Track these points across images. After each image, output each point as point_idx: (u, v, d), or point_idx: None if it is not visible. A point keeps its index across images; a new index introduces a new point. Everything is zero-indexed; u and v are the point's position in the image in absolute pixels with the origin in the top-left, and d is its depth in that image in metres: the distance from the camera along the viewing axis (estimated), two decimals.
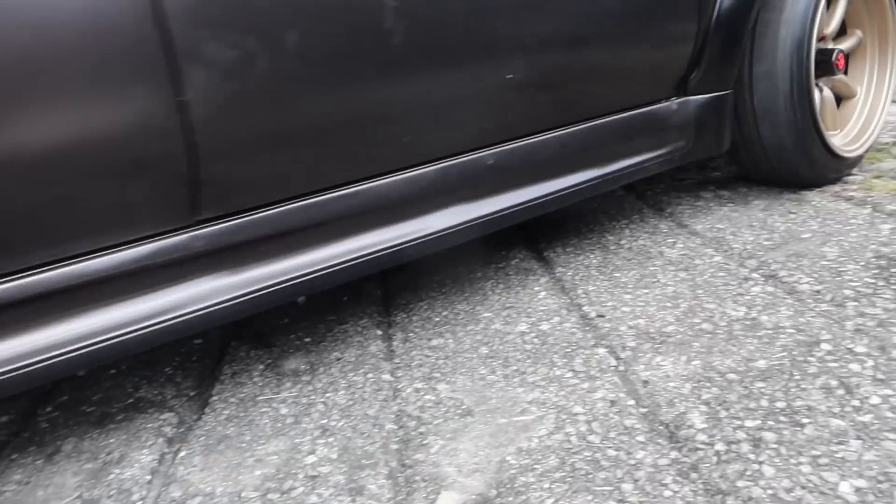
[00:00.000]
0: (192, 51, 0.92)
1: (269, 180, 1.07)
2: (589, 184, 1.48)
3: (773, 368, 1.07)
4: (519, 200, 1.39)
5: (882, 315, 1.17)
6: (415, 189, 1.23)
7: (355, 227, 1.18)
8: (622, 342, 1.23)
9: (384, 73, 1.12)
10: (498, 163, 1.34)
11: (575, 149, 1.45)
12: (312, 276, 1.14)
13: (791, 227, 1.59)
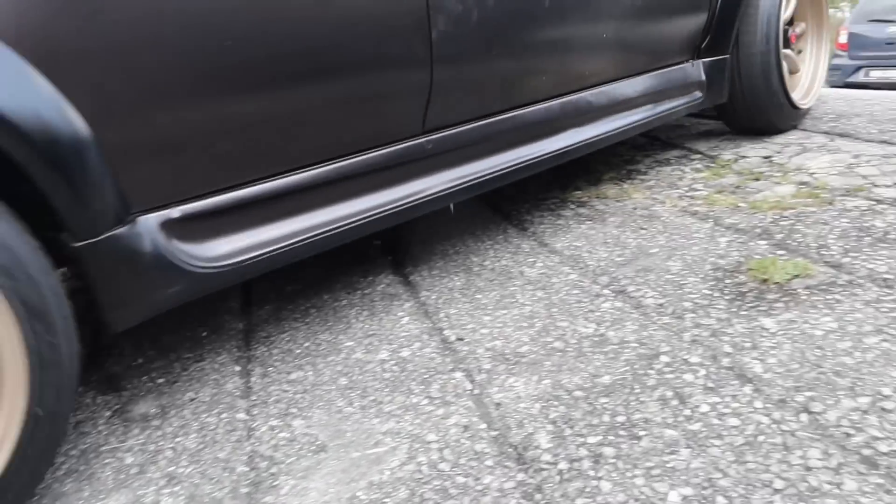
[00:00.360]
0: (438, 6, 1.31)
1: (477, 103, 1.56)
2: (649, 118, 2.01)
3: (616, 383, 1.12)
4: (610, 128, 1.88)
5: (715, 325, 1.25)
6: (550, 115, 1.73)
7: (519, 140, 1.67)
8: (479, 365, 1.24)
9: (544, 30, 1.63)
10: (595, 100, 1.84)
11: (637, 93, 1.97)
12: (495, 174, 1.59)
13: (641, 243, 1.68)
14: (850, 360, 1.08)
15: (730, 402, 1.03)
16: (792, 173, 2.05)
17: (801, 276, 1.38)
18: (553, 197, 2.13)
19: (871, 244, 1.48)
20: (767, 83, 2.22)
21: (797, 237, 1.58)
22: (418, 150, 1.42)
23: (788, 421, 0.97)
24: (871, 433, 0.92)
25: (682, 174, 2.19)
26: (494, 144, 1.60)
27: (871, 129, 2.31)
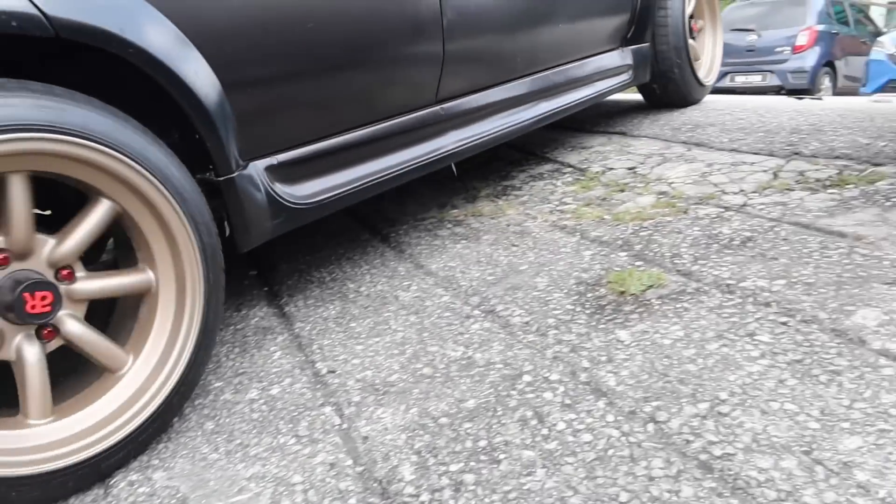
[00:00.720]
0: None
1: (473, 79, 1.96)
2: (593, 95, 2.47)
3: (480, 407, 1.14)
4: (570, 100, 2.34)
5: (575, 340, 1.30)
6: (525, 89, 2.15)
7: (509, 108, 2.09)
8: (348, 398, 1.24)
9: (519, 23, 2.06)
10: (556, 78, 2.30)
11: (585, 73, 2.45)
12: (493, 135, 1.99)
13: (512, 260, 1.73)
14: (694, 367, 1.15)
15: (585, 418, 1.07)
16: (653, 183, 2.16)
17: (654, 287, 1.46)
18: (431, 217, 2.16)
19: (717, 251, 1.59)
20: (680, 65, 2.79)
21: (654, 247, 1.67)
22: (435, 115, 1.82)
23: (636, 432, 1.02)
24: (707, 438, 0.98)
25: (554, 188, 2.27)
26: (487, 112, 2.01)
27: (722, 138, 2.48)
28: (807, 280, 1.37)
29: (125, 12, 1.06)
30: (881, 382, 1.03)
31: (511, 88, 2.09)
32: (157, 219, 1.12)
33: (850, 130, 2.28)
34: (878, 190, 1.79)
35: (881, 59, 8.30)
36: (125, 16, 1.06)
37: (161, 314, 1.17)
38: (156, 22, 1.10)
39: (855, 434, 0.94)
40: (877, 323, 1.18)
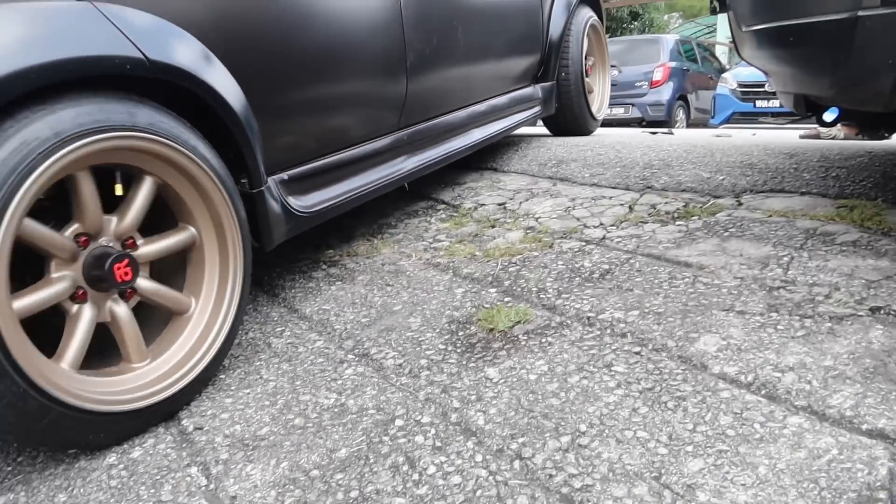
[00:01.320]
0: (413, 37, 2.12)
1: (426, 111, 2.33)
2: (512, 124, 2.90)
3: (352, 456, 1.14)
4: (496, 128, 2.75)
5: (446, 380, 1.33)
6: (462, 119, 2.55)
7: (452, 135, 2.48)
8: (216, 455, 1.20)
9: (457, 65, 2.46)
10: (484, 109, 2.72)
11: (501, 106, 2.83)
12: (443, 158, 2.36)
13: (386, 301, 1.74)
14: (557, 401, 1.21)
15: (455, 460, 1.10)
16: (521, 219, 2.26)
17: (521, 322, 1.52)
18: (305, 258, 2.14)
19: (579, 284, 1.68)
20: (578, 100, 3.35)
21: (521, 282, 1.74)
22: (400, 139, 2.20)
23: (503, 471, 1.06)
24: (569, 471, 1.03)
25: (428, 225, 2.31)
26: (435, 138, 2.38)
27: (584, 173, 2.63)
28: (657, 310, 1.48)
29: (195, 56, 1.38)
30: (720, 405, 1.13)
31: (451, 120, 2.49)
32: (196, 188, 1.39)
33: (694, 165, 2.50)
34: (718, 221, 1.97)
35: (726, 94, 9.12)
36: (196, 59, 1.37)
37: (209, 263, 1.46)
38: (213, 63, 1.42)
39: (697, 456, 1.02)
40: (716, 348, 1.29)
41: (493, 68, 2.73)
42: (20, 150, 1.07)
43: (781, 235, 1.78)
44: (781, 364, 1.20)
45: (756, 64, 1.95)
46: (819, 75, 1.56)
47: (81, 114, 1.15)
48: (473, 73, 2.57)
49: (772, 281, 1.53)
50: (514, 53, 2.87)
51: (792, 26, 1.50)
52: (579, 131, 3.47)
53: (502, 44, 2.76)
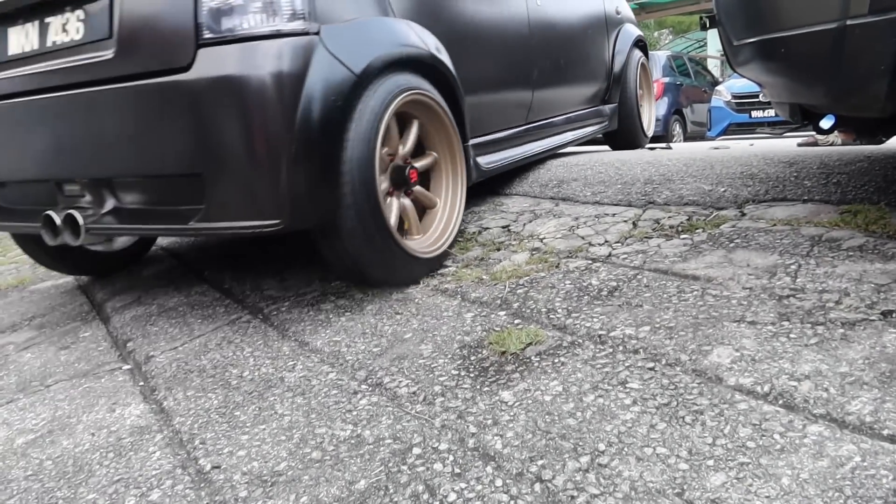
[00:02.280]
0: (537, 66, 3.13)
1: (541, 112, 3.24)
2: (593, 131, 3.80)
3: (371, 487, 1.13)
4: (582, 133, 3.66)
5: (461, 406, 1.33)
6: (561, 122, 3.48)
7: (554, 132, 3.40)
8: (235, 493, 1.19)
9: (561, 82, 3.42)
10: (575, 116, 3.62)
11: (582, 117, 3.69)
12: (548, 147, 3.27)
13: (397, 329, 1.74)
14: (573, 421, 1.21)
15: (475, 486, 1.09)
16: (526, 240, 2.27)
17: (533, 343, 1.52)
18: (313, 290, 2.14)
19: (588, 303, 1.68)
20: (633, 120, 4.20)
21: (530, 304, 1.74)
22: (527, 130, 3.12)
23: (524, 494, 1.05)
24: (590, 491, 1.03)
25: None
26: (545, 133, 3.30)
27: (586, 191, 2.65)
28: (668, 324, 1.48)
29: (438, 46, 2.22)
30: (738, 417, 1.13)
31: (554, 121, 3.39)
32: (441, 127, 2.23)
33: (695, 178, 2.51)
34: (723, 233, 1.97)
35: (720, 106, 9.19)
36: (438, 47, 2.22)
37: (444, 177, 2.31)
38: (442, 51, 2.23)
39: (719, 470, 1.02)
40: (730, 360, 1.29)
41: (579, 88, 3.64)
42: (383, 96, 1.91)
43: (787, 244, 1.78)
44: (797, 373, 1.20)
45: (749, 76, 1.98)
46: (812, 85, 1.58)
47: (400, 80, 1.99)
48: (567, 90, 3.50)
49: (781, 290, 1.53)
50: (590, 79, 3.76)
51: (782, 38, 1.52)
52: (634, 145, 4.26)
53: (584, 72, 3.67)
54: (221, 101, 1.63)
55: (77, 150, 1.93)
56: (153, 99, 1.72)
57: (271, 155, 1.65)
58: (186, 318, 2.14)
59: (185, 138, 1.70)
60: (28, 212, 2.19)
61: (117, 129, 1.81)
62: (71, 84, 1.87)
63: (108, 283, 2.79)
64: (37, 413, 1.68)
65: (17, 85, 2.03)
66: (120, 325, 2.22)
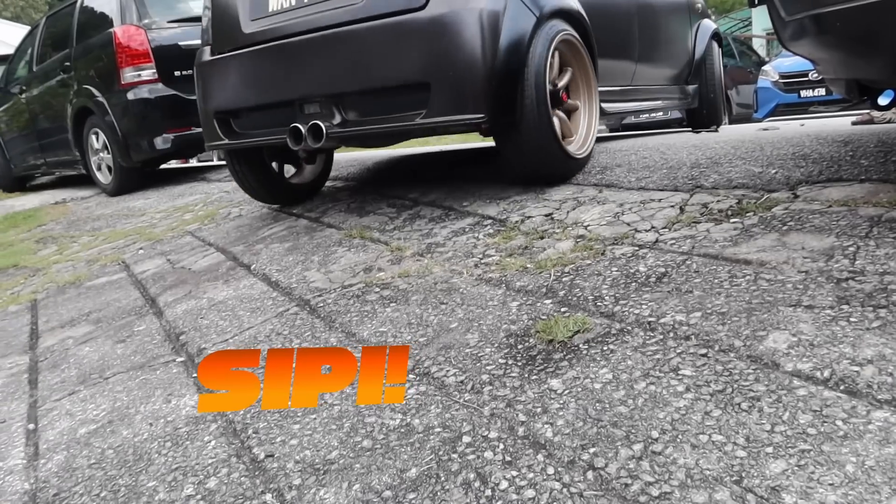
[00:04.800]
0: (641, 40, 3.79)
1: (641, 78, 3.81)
2: (671, 104, 4.47)
3: (422, 475, 1.14)
4: (663, 103, 4.29)
5: (510, 395, 1.32)
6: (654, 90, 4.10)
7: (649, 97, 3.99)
8: (289, 481, 1.21)
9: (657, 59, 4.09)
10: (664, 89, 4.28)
11: (669, 91, 4.30)
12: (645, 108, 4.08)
13: (442, 319, 1.74)
14: (625, 409, 1.19)
15: (526, 474, 1.08)
16: (570, 228, 2.24)
17: (581, 331, 1.50)
18: (358, 282, 2.16)
19: (636, 289, 1.65)
20: (718, 99, 4.73)
21: (576, 291, 1.72)
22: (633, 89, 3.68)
23: (577, 482, 1.04)
24: (645, 479, 1.01)
25: (477, 241, 2.32)
26: (642, 95, 3.84)
27: (630, 177, 2.60)
28: (720, 310, 1.45)
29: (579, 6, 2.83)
30: (797, 403, 1.09)
31: (649, 87, 3.95)
32: (579, 55, 2.83)
33: (743, 161, 2.44)
34: (775, 215, 1.91)
35: (767, 86, 8.92)
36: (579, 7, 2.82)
37: (582, 106, 2.91)
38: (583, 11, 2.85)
39: (779, 458, 0.99)
40: (787, 345, 1.25)
41: (667, 66, 4.22)
42: (551, 32, 2.59)
43: (844, 225, 1.72)
44: (859, 357, 1.16)
45: (801, 52, 1.91)
46: (872, 59, 1.52)
47: (560, 25, 2.66)
48: (659, 66, 4.09)
49: (839, 272, 1.48)
50: (678, 60, 4.34)
51: (839, 10, 1.46)
52: (715, 122, 4.76)
53: (672, 53, 4.25)
54: (448, 30, 2.38)
55: (327, 75, 2.65)
56: (396, 31, 2.46)
57: (482, 69, 2.38)
58: (236, 311, 2.18)
59: (419, 58, 2.43)
60: (262, 133, 2.97)
61: (366, 55, 2.53)
62: (325, 27, 2.62)
63: (159, 279, 2.87)
64: (97, 404, 1.74)
65: (276, 32, 2.78)
66: (172, 319, 2.27)
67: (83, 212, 5.65)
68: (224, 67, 3.03)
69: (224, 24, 3.00)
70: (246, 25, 2.89)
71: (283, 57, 2.76)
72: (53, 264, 3.86)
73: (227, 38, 2.99)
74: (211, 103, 3.12)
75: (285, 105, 2.82)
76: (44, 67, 6.69)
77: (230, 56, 2.98)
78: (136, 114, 5.43)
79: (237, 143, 3.07)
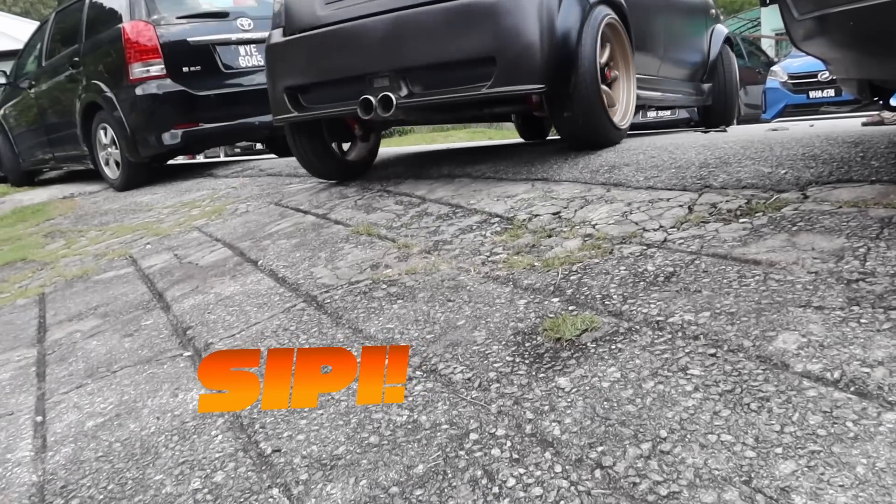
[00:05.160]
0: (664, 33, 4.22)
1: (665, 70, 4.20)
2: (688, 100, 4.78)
3: (430, 471, 1.14)
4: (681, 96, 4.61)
5: (517, 392, 1.32)
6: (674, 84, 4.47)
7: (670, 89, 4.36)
8: (296, 476, 1.21)
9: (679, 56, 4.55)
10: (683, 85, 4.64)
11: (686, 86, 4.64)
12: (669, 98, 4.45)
13: (449, 317, 1.74)
14: (633, 408, 1.18)
15: (533, 471, 1.08)
16: (578, 227, 2.24)
17: (588, 330, 1.50)
18: (366, 279, 2.16)
19: (644, 289, 1.65)
20: (732, 99, 5.11)
21: (584, 290, 1.72)
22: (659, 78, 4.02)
23: (585, 480, 1.04)
24: (653, 478, 1.01)
25: (484, 239, 2.31)
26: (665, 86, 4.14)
27: (638, 176, 2.59)
28: (729, 310, 1.44)
29: None
30: (807, 404, 1.09)
31: (672, 80, 4.31)
32: (623, 49, 3.30)
33: (753, 161, 2.43)
34: (784, 216, 1.90)
35: (776, 87, 8.88)
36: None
37: (622, 83, 3.35)
38: None
39: (788, 458, 0.98)
40: (797, 346, 1.24)
41: (687, 64, 4.59)
42: (599, 17, 3.01)
43: (854, 226, 1.71)
44: (869, 359, 1.15)
45: (813, 52, 1.90)
46: (885, 59, 1.51)
47: (605, 10, 3.07)
48: (680, 63, 4.46)
49: (849, 274, 1.48)
50: (694, 59, 4.70)
51: (852, 10, 1.45)
52: (728, 121, 5.04)
53: (690, 52, 4.63)
54: (515, 11, 2.77)
55: (397, 52, 3.00)
56: (465, 12, 2.83)
57: (543, 45, 2.78)
58: (243, 306, 2.18)
59: (487, 36, 2.80)
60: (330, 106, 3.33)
61: (435, 33, 2.89)
62: (397, 8, 2.99)
63: (166, 274, 2.87)
64: (104, 397, 1.74)
65: (350, 13, 3.15)
66: (179, 314, 2.28)
67: (91, 206, 5.67)
68: (296, 47, 3.36)
69: (299, 8, 3.36)
70: (321, 9, 3.26)
71: (356, 36, 3.11)
72: (61, 258, 3.87)
73: (301, 20, 3.34)
74: (281, 80, 3.44)
75: (356, 80, 3.14)
76: (53, 62, 6.72)
77: (303, 37, 3.32)
78: (144, 109, 5.44)
79: (305, 115, 3.41)
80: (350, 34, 3.13)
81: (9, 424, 1.73)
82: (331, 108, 3.31)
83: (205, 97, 5.60)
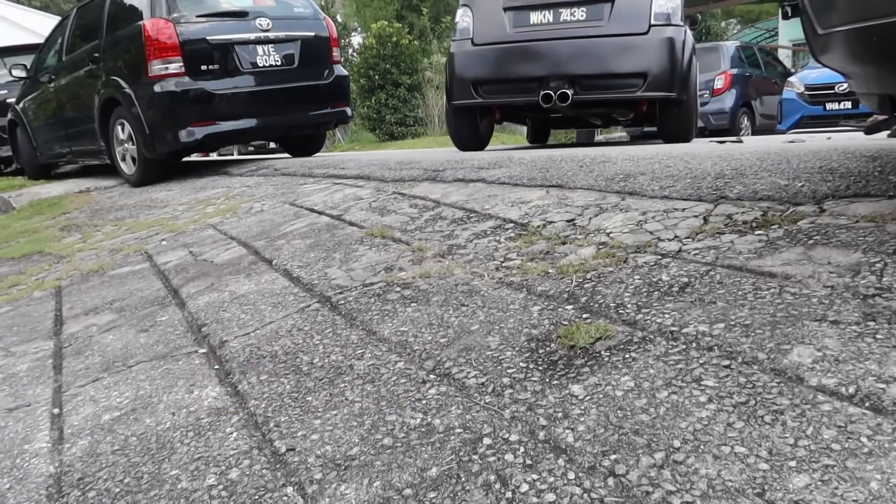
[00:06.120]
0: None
1: None
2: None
3: (443, 474, 1.15)
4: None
5: (530, 398, 1.33)
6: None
7: None
8: (310, 475, 1.22)
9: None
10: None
11: None
12: None
13: (463, 321, 1.75)
14: (647, 417, 1.19)
15: (547, 478, 1.09)
16: (592, 234, 2.24)
17: (603, 338, 1.50)
18: (379, 281, 2.17)
19: (658, 298, 1.65)
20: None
21: (598, 298, 1.73)
22: None
23: (597, 488, 1.04)
24: (666, 488, 1.01)
25: (498, 245, 2.32)
26: None
27: (653, 186, 2.60)
28: (744, 322, 1.44)
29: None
30: (821, 418, 1.09)
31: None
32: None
33: (769, 173, 2.43)
34: (801, 229, 1.90)
35: (793, 98, 8.84)
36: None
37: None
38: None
39: (802, 472, 0.99)
40: (812, 360, 1.25)
41: None
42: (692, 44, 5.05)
43: (871, 241, 1.71)
44: (885, 375, 1.15)
45: (834, 66, 1.90)
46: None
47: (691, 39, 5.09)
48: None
49: (865, 289, 1.47)
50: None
51: (876, 26, 1.45)
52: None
53: None
54: (662, 45, 4.60)
55: (571, 64, 4.78)
56: (628, 44, 4.67)
57: (676, 65, 4.62)
58: (258, 305, 2.20)
59: (642, 59, 4.64)
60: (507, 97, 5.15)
61: (603, 54, 4.71)
62: (573, 37, 4.80)
63: (181, 270, 2.90)
64: (120, 392, 1.76)
65: (535, 35, 4.93)
66: (195, 311, 2.30)
67: (107, 201, 5.72)
68: (483, 54, 5.06)
69: (489, 28, 5.02)
70: (510, 30, 4.97)
71: (539, 51, 4.86)
72: (77, 252, 3.91)
73: (491, 36, 5.02)
74: (469, 75, 5.10)
75: (534, 80, 4.84)
76: (73, 58, 6.79)
77: (490, 47, 5.03)
78: (161, 106, 5.49)
79: (485, 101, 5.15)
80: (534, 49, 4.88)
81: (26, 415, 1.76)
82: (510, 98, 5.06)
83: (222, 95, 5.65)
